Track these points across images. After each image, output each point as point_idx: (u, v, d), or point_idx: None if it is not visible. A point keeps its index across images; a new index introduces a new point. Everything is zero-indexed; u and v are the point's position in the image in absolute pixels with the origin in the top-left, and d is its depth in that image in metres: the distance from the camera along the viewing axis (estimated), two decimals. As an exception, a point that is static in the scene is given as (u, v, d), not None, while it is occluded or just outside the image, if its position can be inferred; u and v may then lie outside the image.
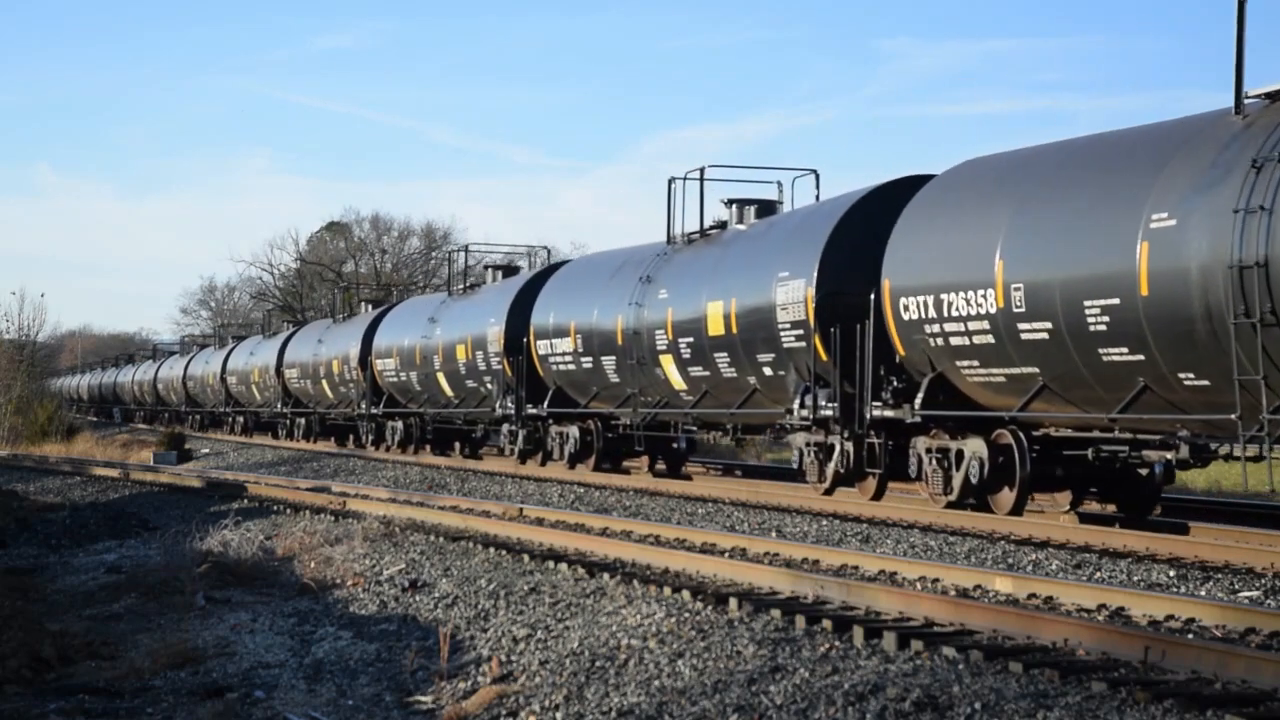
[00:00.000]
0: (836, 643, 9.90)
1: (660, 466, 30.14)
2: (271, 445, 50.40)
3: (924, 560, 14.21)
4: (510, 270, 39.07)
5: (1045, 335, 17.25)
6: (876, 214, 21.41)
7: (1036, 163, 18.63)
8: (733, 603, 11.41)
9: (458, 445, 40.01)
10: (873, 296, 20.39)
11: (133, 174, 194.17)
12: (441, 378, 37.61)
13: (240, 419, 61.55)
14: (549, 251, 44.08)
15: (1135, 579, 13.51)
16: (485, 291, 37.48)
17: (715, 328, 24.51)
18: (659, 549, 14.98)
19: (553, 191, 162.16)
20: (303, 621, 13.76)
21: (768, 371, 23.33)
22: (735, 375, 24.35)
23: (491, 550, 15.88)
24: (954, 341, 18.76)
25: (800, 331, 22.07)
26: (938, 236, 19.40)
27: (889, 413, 20.19)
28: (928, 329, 19.18)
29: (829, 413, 21.28)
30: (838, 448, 21.50)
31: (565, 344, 30.22)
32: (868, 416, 20.52)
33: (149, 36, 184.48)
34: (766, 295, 22.95)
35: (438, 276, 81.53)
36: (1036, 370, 17.65)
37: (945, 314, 18.83)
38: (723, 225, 26.69)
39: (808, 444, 22.44)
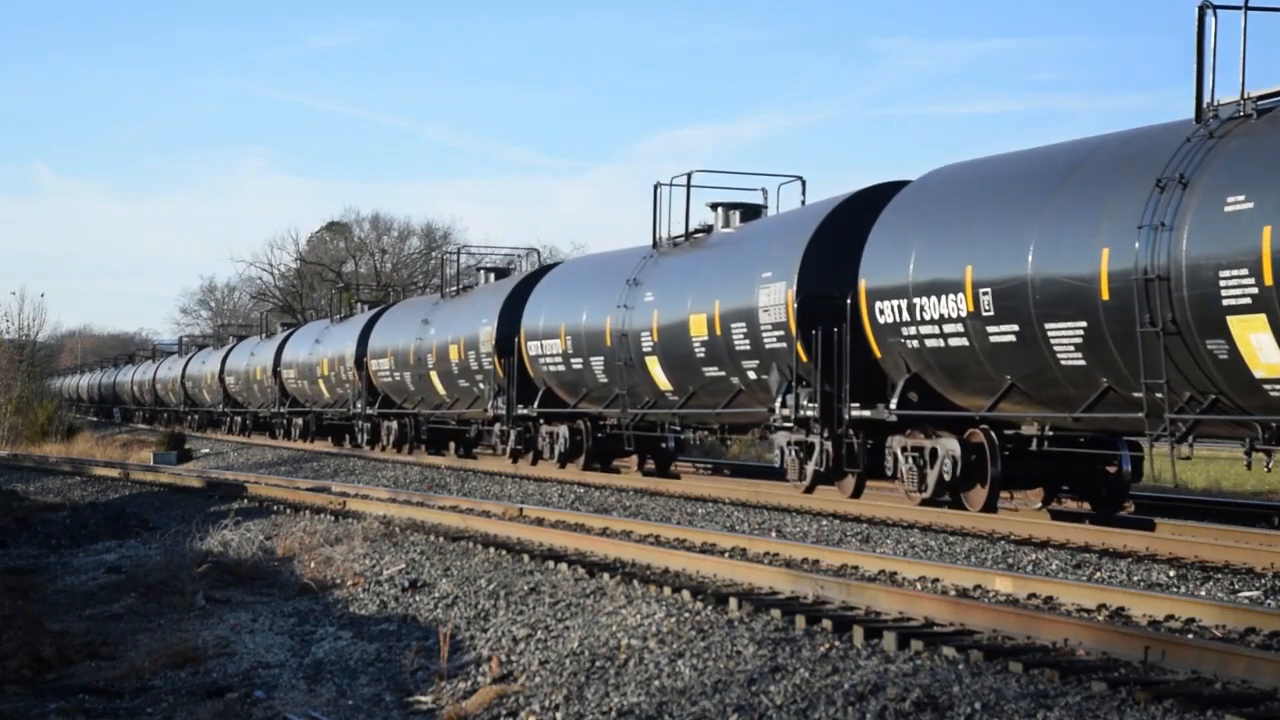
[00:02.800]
0: (836, 643, 9.90)
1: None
2: (271, 445, 50.40)
3: (924, 560, 14.21)
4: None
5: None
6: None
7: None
8: (733, 603, 11.41)
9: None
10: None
11: (130, 174, 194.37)
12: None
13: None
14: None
15: (1135, 579, 13.51)
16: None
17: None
18: (659, 549, 14.97)
19: (551, 191, 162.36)
20: (303, 621, 13.76)
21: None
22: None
23: (491, 550, 15.87)
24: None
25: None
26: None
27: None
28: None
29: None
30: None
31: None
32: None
33: (146, 36, 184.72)
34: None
35: (438, 276, 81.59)
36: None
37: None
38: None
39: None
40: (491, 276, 39.24)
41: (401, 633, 12.65)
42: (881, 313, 20.22)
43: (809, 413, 21.80)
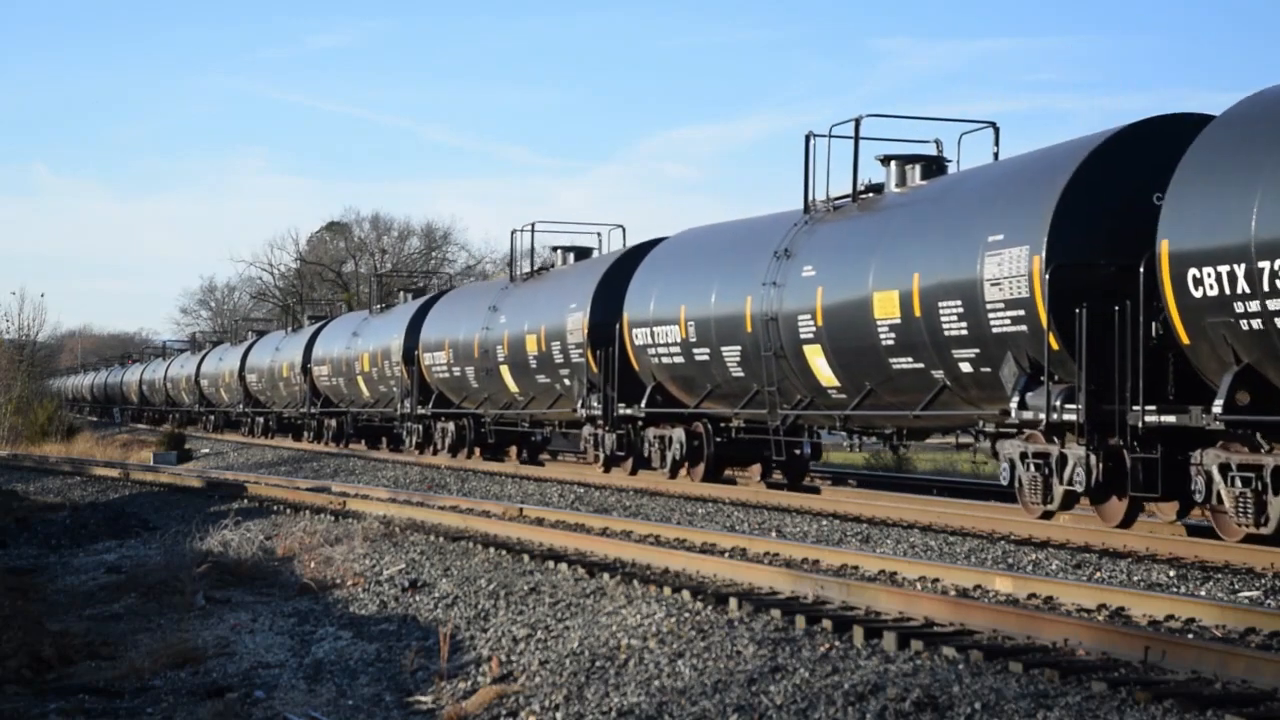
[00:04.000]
0: (836, 643, 9.90)
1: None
2: (272, 445, 50.36)
3: (924, 560, 14.21)
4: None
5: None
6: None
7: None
8: (733, 603, 11.41)
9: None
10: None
11: (129, 174, 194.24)
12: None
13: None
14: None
15: (1135, 579, 13.51)
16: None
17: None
18: (659, 549, 14.97)
19: (550, 191, 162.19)
20: (303, 621, 13.76)
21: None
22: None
23: (491, 550, 15.87)
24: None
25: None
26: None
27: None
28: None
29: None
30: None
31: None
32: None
33: (144, 36, 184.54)
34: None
35: (437, 276, 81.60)
36: None
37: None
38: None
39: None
40: (569, 256, 34.08)
41: (401, 633, 12.65)
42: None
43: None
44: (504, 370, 33.32)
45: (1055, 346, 17.00)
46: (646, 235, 29.99)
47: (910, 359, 19.79)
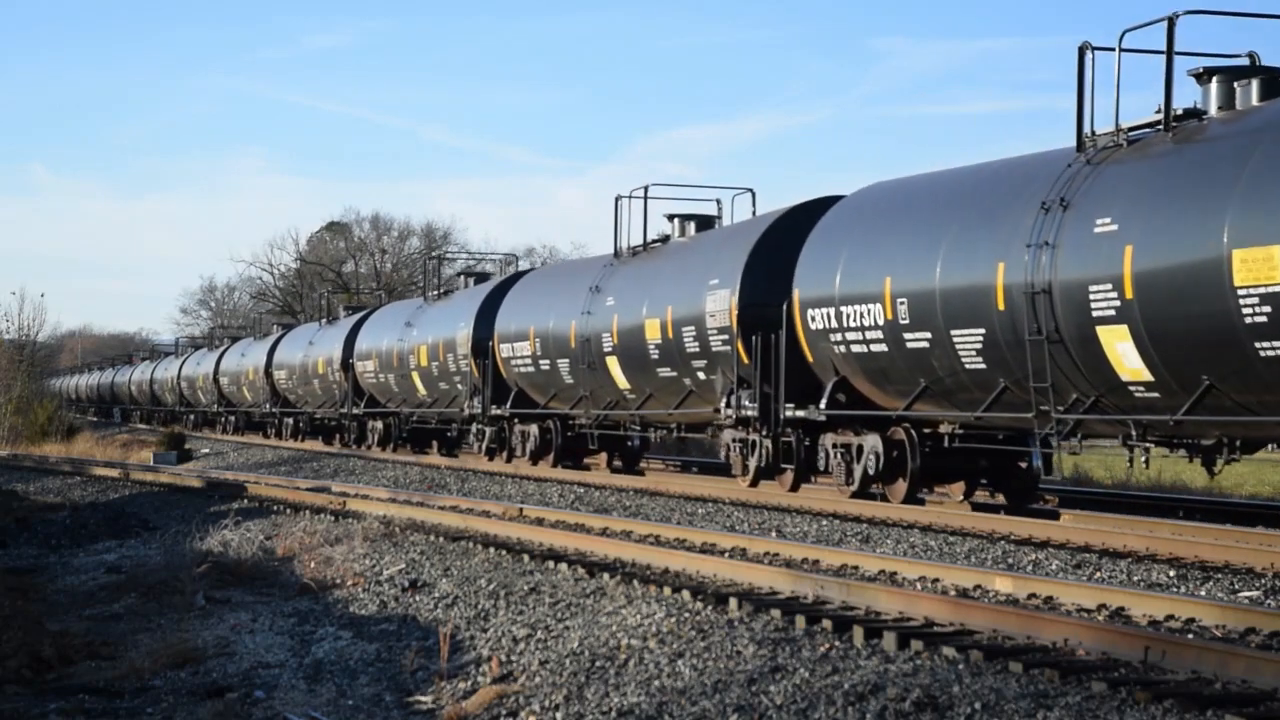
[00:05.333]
0: (836, 643, 9.90)
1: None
2: (271, 445, 50.42)
3: (924, 560, 14.21)
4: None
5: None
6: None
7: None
8: (733, 603, 11.41)
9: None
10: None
11: (128, 174, 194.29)
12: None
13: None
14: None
15: (1135, 579, 13.51)
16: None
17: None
18: (659, 549, 14.97)
19: (549, 191, 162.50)
20: (303, 621, 13.76)
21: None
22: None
23: (491, 550, 15.87)
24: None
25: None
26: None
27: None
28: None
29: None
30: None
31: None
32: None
33: (144, 36, 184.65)
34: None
35: (437, 276, 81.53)
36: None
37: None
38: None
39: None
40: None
41: (401, 633, 12.65)
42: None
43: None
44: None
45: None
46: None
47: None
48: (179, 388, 73.08)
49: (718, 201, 28.77)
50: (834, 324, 21.21)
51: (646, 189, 29.18)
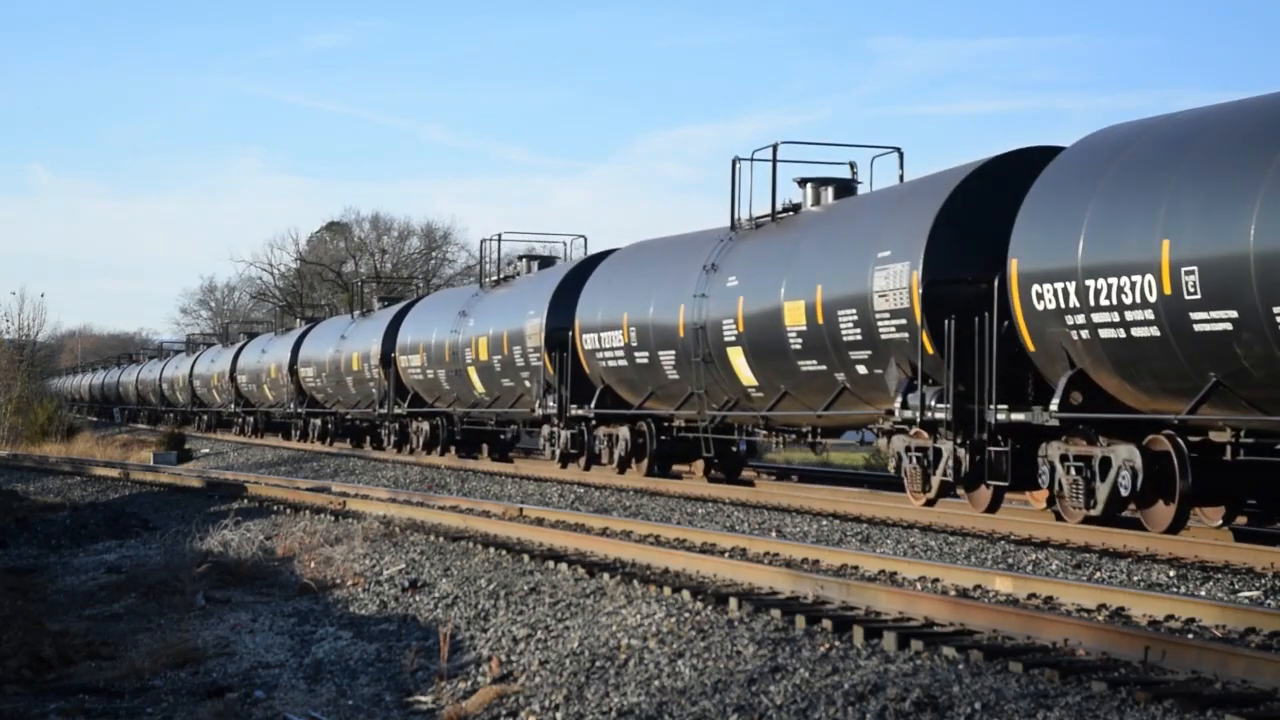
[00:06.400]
0: (836, 643, 9.90)
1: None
2: (272, 445, 50.38)
3: (924, 560, 14.21)
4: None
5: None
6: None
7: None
8: (733, 603, 11.41)
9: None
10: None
11: (127, 174, 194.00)
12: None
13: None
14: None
15: (1135, 579, 13.51)
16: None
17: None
18: (659, 549, 14.97)
19: (548, 191, 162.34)
20: (303, 621, 13.76)
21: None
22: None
23: (491, 550, 15.87)
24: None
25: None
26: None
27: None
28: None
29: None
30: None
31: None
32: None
33: (142, 36, 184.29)
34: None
35: (437, 276, 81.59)
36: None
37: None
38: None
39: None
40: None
41: (401, 633, 12.65)
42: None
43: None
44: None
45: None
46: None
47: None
48: (191, 386, 69.13)
49: (851, 164, 24.47)
50: (1074, 303, 16.67)
51: (775, 148, 24.60)
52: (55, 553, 21.22)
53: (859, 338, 20.47)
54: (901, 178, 23.43)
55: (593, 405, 29.10)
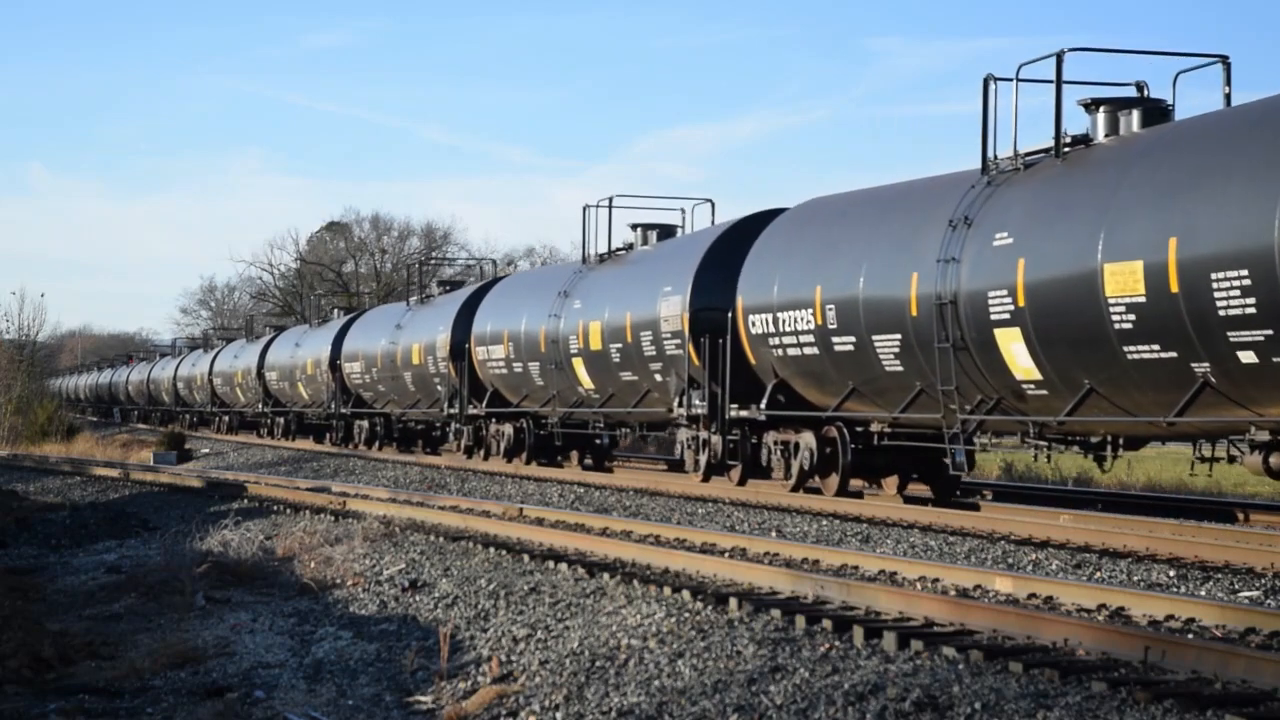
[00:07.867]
0: (836, 643, 9.90)
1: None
2: (271, 445, 50.42)
3: (924, 560, 14.21)
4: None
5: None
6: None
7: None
8: (733, 603, 11.41)
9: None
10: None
11: (126, 174, 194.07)
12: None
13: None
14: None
15: (1135, 579, 13.51)
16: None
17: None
18: (659, 549, 14.98)
19: (547, 191, 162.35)
20: (303, 621, 13.76)
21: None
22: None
23: (491, 550, 15.88)
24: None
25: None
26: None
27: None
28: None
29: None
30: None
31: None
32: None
33: (141, 36, 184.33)
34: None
35: (438, 277, 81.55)
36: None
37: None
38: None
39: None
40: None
41: (401, 633, 12.65)
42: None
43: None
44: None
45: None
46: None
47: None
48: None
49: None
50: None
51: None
52: (55, 553, 21.21)
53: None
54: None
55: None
